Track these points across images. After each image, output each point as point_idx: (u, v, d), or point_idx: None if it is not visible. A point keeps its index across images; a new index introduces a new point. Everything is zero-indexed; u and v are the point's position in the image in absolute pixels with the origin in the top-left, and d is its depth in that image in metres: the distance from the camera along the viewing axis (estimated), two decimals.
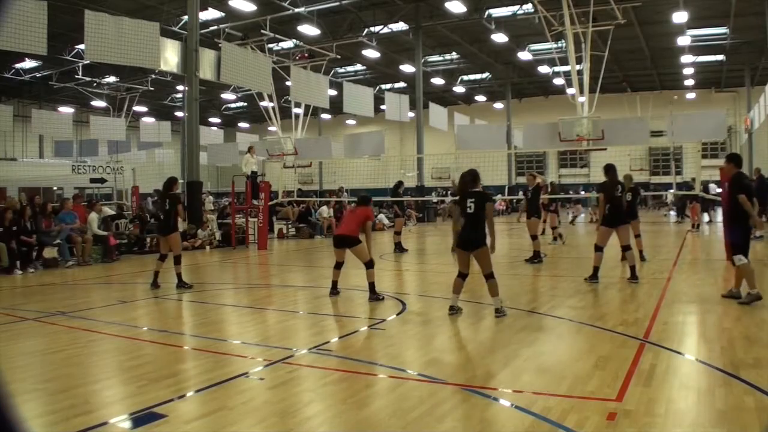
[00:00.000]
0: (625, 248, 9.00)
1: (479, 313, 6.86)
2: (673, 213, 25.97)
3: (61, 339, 5.98)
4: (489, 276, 6.59)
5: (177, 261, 8.93)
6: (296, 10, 22.16)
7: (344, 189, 28.38)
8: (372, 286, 7.74)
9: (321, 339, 5.85)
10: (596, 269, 8.90)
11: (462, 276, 6.73)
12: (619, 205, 8.99)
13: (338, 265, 8.06)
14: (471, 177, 6.74)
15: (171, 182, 9.28)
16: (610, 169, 9.18)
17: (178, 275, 8.95)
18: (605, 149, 17.13)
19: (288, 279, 11.02)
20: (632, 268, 8.92)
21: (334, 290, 8.07)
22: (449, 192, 15.18)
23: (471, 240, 6.60)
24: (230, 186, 18.63)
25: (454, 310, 6.70)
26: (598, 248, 8.92)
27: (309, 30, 23.97)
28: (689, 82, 36.08)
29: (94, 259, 12.90)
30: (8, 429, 1.25)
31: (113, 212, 16.59)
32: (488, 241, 6.72)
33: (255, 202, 16.68)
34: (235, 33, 22.31)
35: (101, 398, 4.23)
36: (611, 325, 6.11)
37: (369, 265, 7.73)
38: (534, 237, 11.62)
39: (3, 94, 35.31)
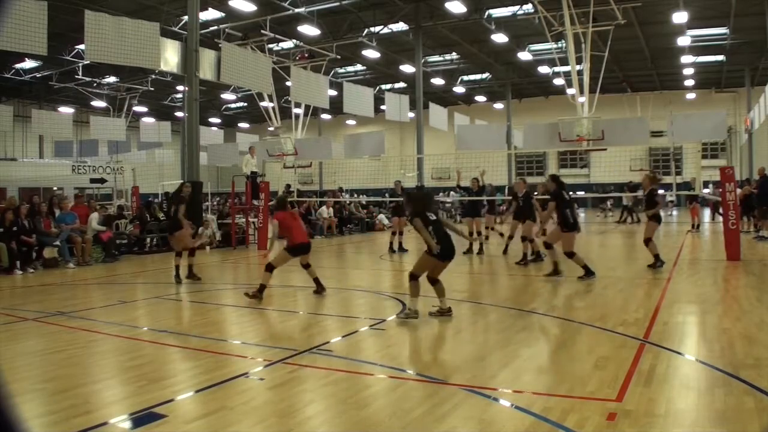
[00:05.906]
0: (569, 255, 9.15)
1: (479, 313, 6.86)
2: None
3: (61, 339, 5.97)
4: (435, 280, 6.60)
5: (190, 253, 9.82)
6: (296, 10, 22.16)
7: (342, 189, 28.37)
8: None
9: (321, 339, 5.84)
10: (585, 267, 9.04)
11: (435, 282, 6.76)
12: (571, 210, 9.25)
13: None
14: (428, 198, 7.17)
15: (180, 187, 10.53)
16: (557, 178, 9.66)
17: (189, 267, 9.74)
18: (605, 149, 17.14)
19: (288, 279, 11.02)
20: (555, 263, 9.34)
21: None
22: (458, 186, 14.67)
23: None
24: (230, 186, 18.61)
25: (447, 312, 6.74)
26: (571, 255, 9.07)
27: (309, 30, 23.97)
28: (689, 83, 36.10)
29: (94, 259, 12.91)
30: (8, 429, 1.25)
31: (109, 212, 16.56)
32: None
33: (255, 202, 16.68)
34: (235, 33, 22.30)
35: (101, 398, 4.22)
36: (611, 325, 6.10)
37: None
38: (524, 239, 11.70)
39: (3, 94, 35.31)
